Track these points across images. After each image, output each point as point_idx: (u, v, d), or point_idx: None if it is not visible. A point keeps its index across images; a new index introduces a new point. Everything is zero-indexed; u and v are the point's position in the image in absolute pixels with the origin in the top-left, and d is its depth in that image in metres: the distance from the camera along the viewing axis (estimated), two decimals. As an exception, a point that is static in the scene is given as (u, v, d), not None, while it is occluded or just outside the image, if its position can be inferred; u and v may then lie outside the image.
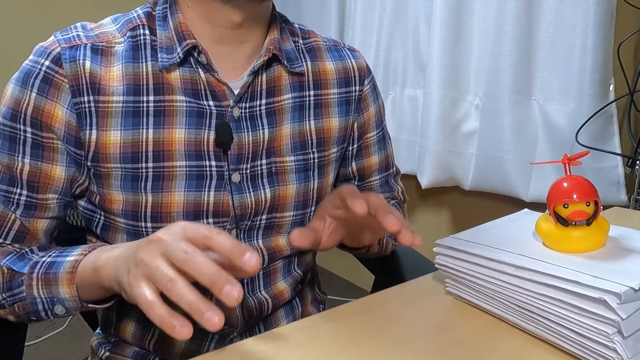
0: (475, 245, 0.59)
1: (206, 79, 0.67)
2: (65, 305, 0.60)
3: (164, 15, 0.67)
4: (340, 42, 0.81)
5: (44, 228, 0.67)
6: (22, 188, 0.64)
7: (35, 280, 0.60)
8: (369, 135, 0.82)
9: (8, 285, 0.62)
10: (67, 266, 0.59)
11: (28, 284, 0.61)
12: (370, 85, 0.81)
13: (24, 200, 0.65)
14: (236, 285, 0.43)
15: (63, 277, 0.59)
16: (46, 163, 0.64)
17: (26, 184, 0.64)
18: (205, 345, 0.72)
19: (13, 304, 0.62)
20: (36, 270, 0.60)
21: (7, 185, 0.64)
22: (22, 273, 0.61)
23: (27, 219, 0.65)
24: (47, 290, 0.60)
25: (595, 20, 1.23)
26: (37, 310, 0.62)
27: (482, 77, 1.52)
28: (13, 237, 0.66)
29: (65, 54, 0.63)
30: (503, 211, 0.72)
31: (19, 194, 0.64)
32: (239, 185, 0.69)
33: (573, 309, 0.49)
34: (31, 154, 0.63)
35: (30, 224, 0.66)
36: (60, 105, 0.63)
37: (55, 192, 0.66)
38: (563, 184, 0.56)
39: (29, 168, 0.64)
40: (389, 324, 0.59)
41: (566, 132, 1.34)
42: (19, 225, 0.65)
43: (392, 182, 0.88)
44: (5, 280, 0.63)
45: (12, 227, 0.65)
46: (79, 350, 1.86)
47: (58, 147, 0.64)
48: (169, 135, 0.65)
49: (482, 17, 1.49)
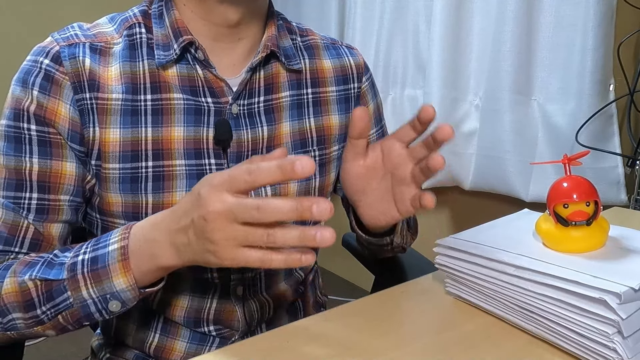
0: (475, 245, 0.59)
1: (204, 76, 0.67)
2: (122, 298, 0.56)
3: (159, 12, 0.67)
4: (338, 40, 0.81)
5: (57, 233, 0.64)
6: (32, 191, 0.62)
7: (83, 281, 0.56)
8: (369, 133, 0.81)
9: (47, 296, 0.57)
10: (116, 255, 0.55)
11: (74, 287, 0.56)
12: (368, 83, 0.80)
13: (35, 204, 0.62)
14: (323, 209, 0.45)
15: (115, 267, 0.55)
16: (55, 160, 0.62)
17: (37, 185, 0.62)
18: (205, 348, 0.72)
19: (57, 314, 0.57)
20: (79, 270, 0.56)
21: (16, 191, 0.62)
22: (61, 280, 0.56)
23: (40, 223, 0.62)
24: (98, 287, 0.56)
25: (595, 20, 1.23)
26: (89, 313, 0.57)
27: (482, 77, 1.51)
28: (29, 246, 0.62)
29: (64, 51, 0.63)
30: (503, 211, 0.72)
31: (30, 197, 0.62)
32: None
33: (573, 309, 0.49)
34: (39, 152, 0.62)
35: (45, 229, 0.63)
36: (63, 102, 0.62)
37: (67, 193, 0.63)
38: (563, 184, 0.56)
39: (38, 167, 0.62)
40: (389, 324, 0.59)
41: (566, 132, 1.34)
42: (33, 231, 0.62)
43: None
44: (41, 292, 0.57)
45: (26, 235, 0.62)
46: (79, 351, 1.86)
47: (65, 143, 0.62)
48: (167, 133, 0.65)
49: (482, 17, 1.49)
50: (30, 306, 0.57)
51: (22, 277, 0.58)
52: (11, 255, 0.62)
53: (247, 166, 0.48)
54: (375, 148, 0.65)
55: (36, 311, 0.58)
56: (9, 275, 0.58)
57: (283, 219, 0.46)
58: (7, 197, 0.62)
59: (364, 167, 0.65)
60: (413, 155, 0.61)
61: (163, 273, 0.58)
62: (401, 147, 0.62)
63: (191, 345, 0.72)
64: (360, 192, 0.67)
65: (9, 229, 0.61)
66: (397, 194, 0.64)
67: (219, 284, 0.70)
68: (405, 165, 0.62)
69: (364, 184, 0.66)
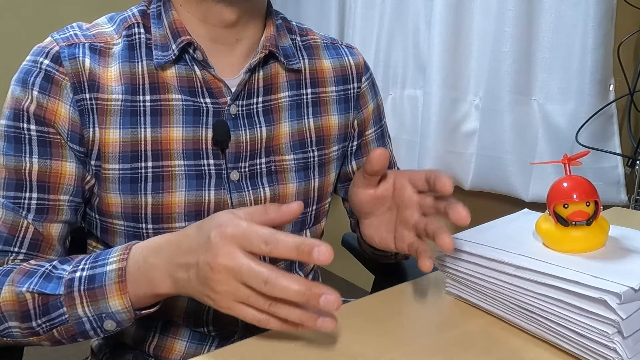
0: (475, 245, 0.59)
1: (202, 76, 0.67)
2: (117, 318, 0.55)
3: (158, 13, 0.67)
4: (338, 40, 0.81)
5: (57, 233, 0.64)
6: (32, 191, 0.62)
7: (79, 299, 0.55)
8: (368, 133, 0.81)
9: (43, 310, 0.56)
10: (113, 276, 0.54)
11: (70, 304, 0.55)
12: (368, 82, 0.80)
13: (35, 204, 0.62)
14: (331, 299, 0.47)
15: (112, 288, 0.54)
16: (55, 160, 0.62)
17: (36, 185, 0.62)
18: (205, 348, 0.72)
19: (52, 328, 0.57)
20: (75, 287, 0.55)
21: (16, 191, 0.62)
22: (57, 294, 0.56)
23: (40, 223, 0.62)
24: (94, 306, 0.55)
25: (595, 20, 1.23)
26: (84, 331, 0.57)
27: (482, 77, 1.51)
28: (29, 246, 0.62)
29: (64, 52, 0.63)
30: (503, 211, 0.72)
31: (29, 197, 0.62)
32: (237, 184, 0.68)
33: (573, 309, 0.49)
34: (39, 152, 0.62)
35: (44, 229, 0.63)
36: (63, 102, 0.62)
37: (66, 193, 0.63)
38: (563, 184, 0.56)
39: (38, 167, 0.62)
40: (389, 324, 0.59)
41: (566, 132, 1.34)
42: (32, 231, 0.62)
43: None
44: (37, 305, 0.56)
45: (26, 235, 0.62)
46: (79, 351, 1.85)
47: (65, 144, 0.63)
48: (166, 134, 0.65)
49: (482, 17, 1.49)
50: (26, 317, 0.57)
51: (20, 287, 0.57)
52: (11, 255, 0.62)
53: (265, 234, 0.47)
54: (388, 180, 0.64)
55: (32, 323, 0.57)
56: (7, 283, 0.58)
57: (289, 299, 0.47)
58: (7, 197, 0.62)
59: (373, 196, 0.64)
60: (422, 204, 0.60)
61: (159, 299, 0.57)
62: (412, 191, 0.61)
63: (191, 345, 0.72)
64: (366, 214, 0.67)
65: (8, 228, 0.61)
66: (398, 231, 0.63)
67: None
68: (412, 210, 0.61)
69: (371, 208, 0.66)
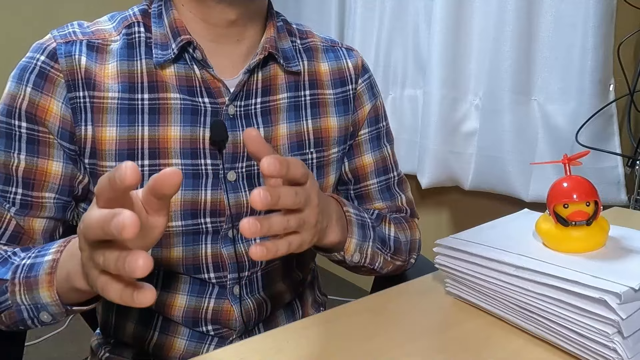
0: (475, 245, 0.59)
1: (201, 76, 0.67)
2: (49, 311, 0.55)
3: (159, 12, 0.68)
4: (338, 41, 0.81)
5: (40, 228, 0.65)
6: (17, 186, 0.63)
7: (18, 286, 0.56)
8: (361, 133, 0.80)
9: None
10: (46, 267, 0.54)
11: (12, 290, 0.57)
12: (365, 83, 0.80)
13: (20, 199, 0.63)
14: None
15: (43, 279, 0.54)
16: (42, 159, 0.63)
17: (22, 182, 0.63)
18: (204, 347, 0.72)
19: (0, 312, 0.58)
20: (17, 274, 0.56)
21: (3, 184, 0.63)
22: (5, 279, 0.57)
23: (22, 217, 0.64)
24: (29, 296, 0.55)
25: (595, 20, 1.23)
26: (23, 319, 0.57)
27: (482, 77, 1.51)
28: (9, 237, 0.64)
29: (60, 48, 0.63)
30: (503, 211, 0.72)
31: (15, 192, 0.63)
32: (234, 184, 0.68)
33: (573, 309, 0.49)
34: (27, 150, 0.63)
35: (26, 223, 0.64)
36: (55, 100, 0.63)
37: (52, 191, 0.64)
38: (563, 184, 0.56)
39: (24, 165, 0.63)
40: (389, 324, 0.59)
41: (566, 132, 1.34)
42: (14, 225, 0.64)
43: (394, 189, 0.83)
44: None
45: (7, 227, 0.64)
46: (79, 350, 1.86)
47: (54, 142, 0.63)
48: (164, 132, 0.65)
49: (482, 17, 1.49)
50: None
51: None
52: None
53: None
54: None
55: None
56: None
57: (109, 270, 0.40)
58: None
59: None
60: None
61: (84, 294, 0.53)
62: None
63: (190, 343, 0.72)
64: None
65: None
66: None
67: (215, 283, 0.70)
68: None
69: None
